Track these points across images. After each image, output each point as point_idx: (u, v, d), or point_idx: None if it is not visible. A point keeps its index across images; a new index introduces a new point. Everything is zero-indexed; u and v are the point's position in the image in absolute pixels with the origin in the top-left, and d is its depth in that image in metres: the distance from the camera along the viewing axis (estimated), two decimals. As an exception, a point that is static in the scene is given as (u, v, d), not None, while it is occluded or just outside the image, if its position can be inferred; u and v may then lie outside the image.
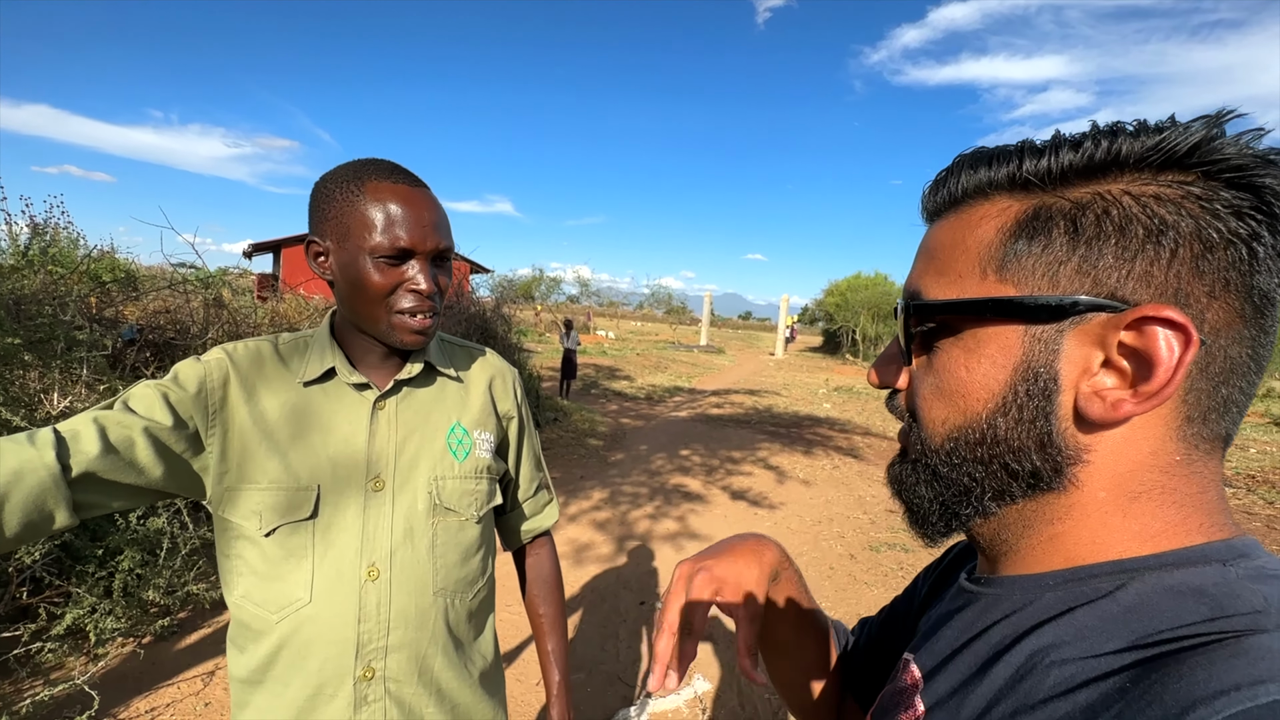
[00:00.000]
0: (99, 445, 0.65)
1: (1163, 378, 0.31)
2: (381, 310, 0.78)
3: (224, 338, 4.11)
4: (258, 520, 0.76)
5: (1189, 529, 0.34)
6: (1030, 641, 0.34)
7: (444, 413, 0.88)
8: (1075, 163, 0.34)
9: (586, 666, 2.63)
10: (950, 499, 0.39)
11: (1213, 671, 0.26)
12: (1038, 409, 0.35)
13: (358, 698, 0.79)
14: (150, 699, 2.24)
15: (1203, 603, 0.30)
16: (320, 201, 0.78)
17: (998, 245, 0.36)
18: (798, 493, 5.50)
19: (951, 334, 0.38)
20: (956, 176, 0.39)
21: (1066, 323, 0.34)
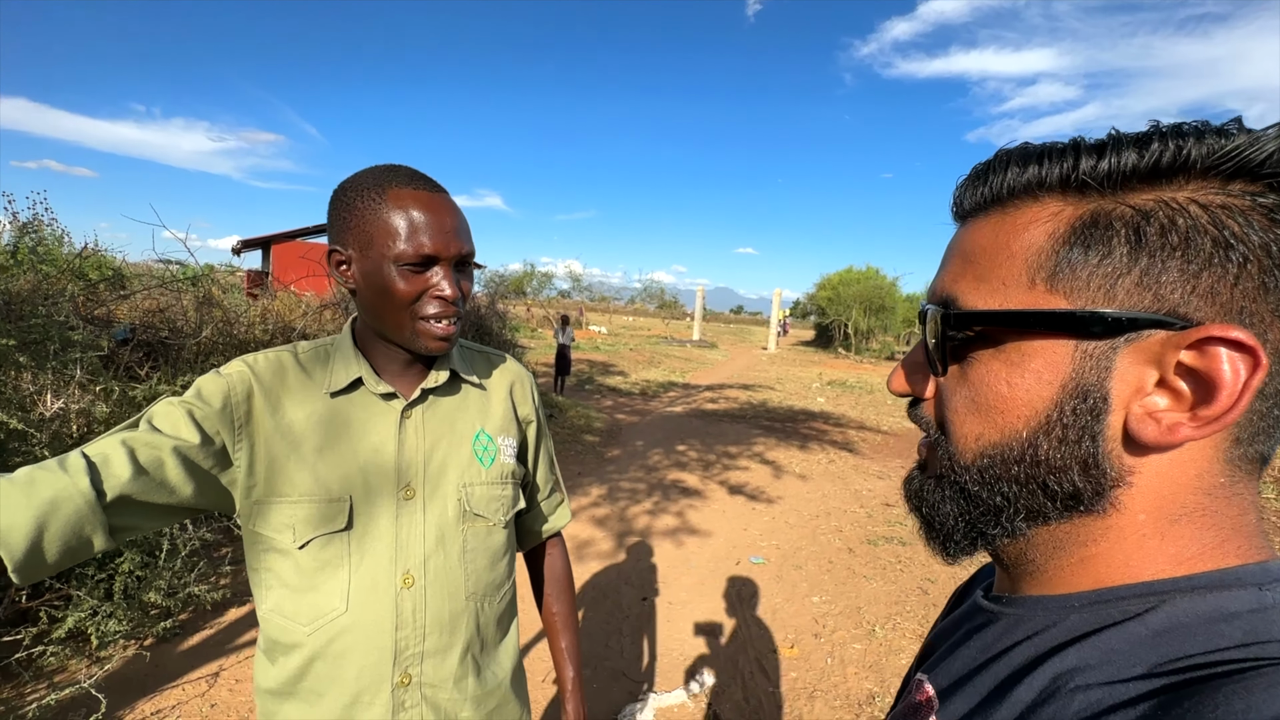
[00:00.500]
0: (130, 468, 0.65)
1: (1226, 402, 0.29)
2: (406, 317, 0.78)
3: (218, 336, 4.07)
4: (291, 534, 0.76)
5: (1225, 551, 0.32)
6: (1054, 664, 0.32)
7: (468, 420, 0.89)
8: (1139, 166, 0.32)
9: (591, 663, 2.64)
10: (978, 518, 0.37)
11: (1250, 701, 0.24)
12: (1084, 429, 0.33)
13: (395, 704, 0.79)
14: (155, 701, 2.23)
15: (1236, 627, 0.29)
16: (341, 210, 0.78)
17: (1049, 252, 0.33)
18: (795, 487, 5.54)
19: (991, 345, 0.36)
20: (1001, 173, 0.36)
21: (1121, 339, 0.32)
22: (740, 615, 3.15)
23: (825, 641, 2.93)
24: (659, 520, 4.44)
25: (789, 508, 4.94)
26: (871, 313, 27.13)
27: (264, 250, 15.01)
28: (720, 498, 5.08)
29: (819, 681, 2.61)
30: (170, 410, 0.72)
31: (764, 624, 3.07)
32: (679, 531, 4.24)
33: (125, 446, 0.66)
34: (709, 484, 5.45)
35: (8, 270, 3.32)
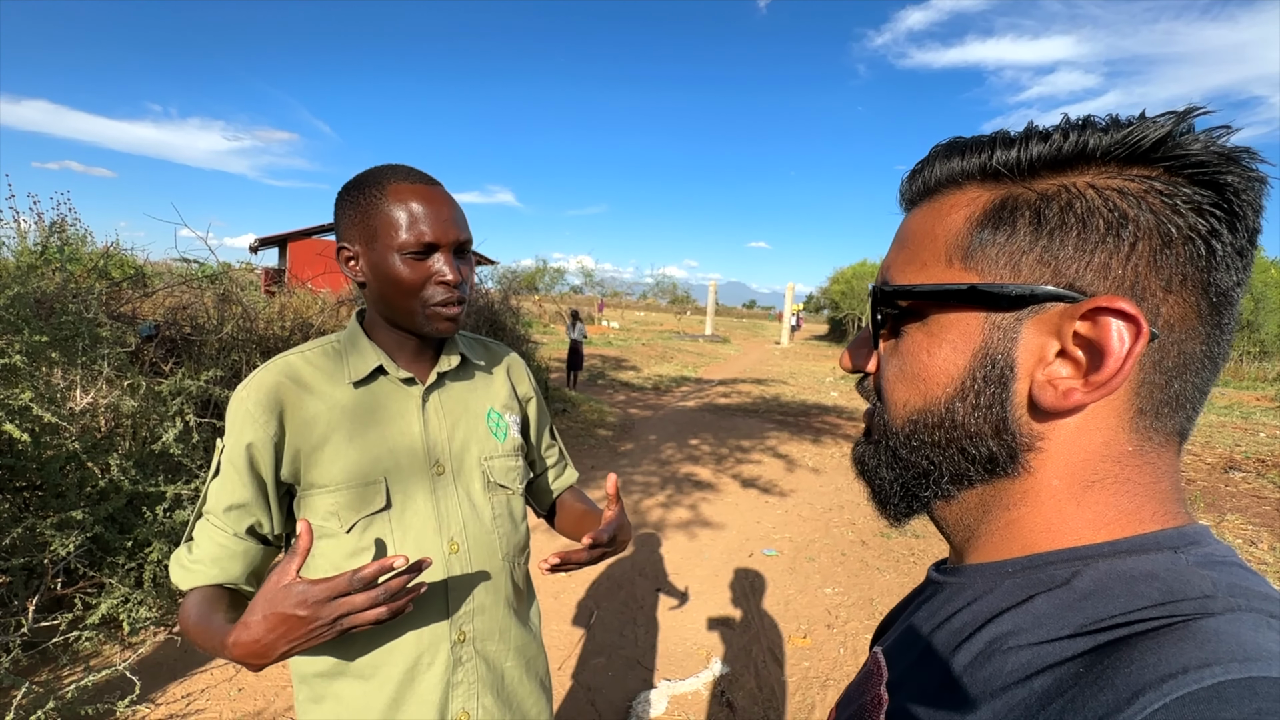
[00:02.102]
0: (242, 569, 0.84)
1: (1112, 368, 0.32)
2: (416, 303, 0.83)
3: (238, 332, 4.16)
4: (336, 520, 0.82)
5: (1142, 517, 0.34)
6: (990, 629, 0.34)
7: (479, 400, 0.95)
8: (1043, 154, 0.35)
9: (606, 651, 2.68)
10: (910, 480, 0.40)
11: (1161, 655, 0.26)
12: (994, 395, 0.35)
13: (454, 660, 0.86)
14: (186, 684, 2.30)
15: (1154, 587, 0.31)
16: (346, 209, 0.83)
17: (965, 234, 0.37)
18: (808, 480, 5.54)
19: (917, 319, 0.39)
20: (931, 166, 0.40)
21: (1026, 311, 0.34)
22: (753, 606, 3.18)
23: (838, 632, 2.95)
24: (672, 513, 4.47)
25: (802, 501, 4.95)
26: (885, 306, 26.73)
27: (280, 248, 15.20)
28: (733, 491, 5.11)
29: (831, 671, 2.63)
30: (222, 485, 0.82)
31: (776, 615, 3.10)
32: (692, 524, 4.27)
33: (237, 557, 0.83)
34: (722, 477, 5.47)
35: (38, 270, 3.41)
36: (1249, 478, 6.04)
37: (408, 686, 0.83)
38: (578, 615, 2.99)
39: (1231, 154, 0.31)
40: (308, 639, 0.67)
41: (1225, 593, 0.29)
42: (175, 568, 0.83)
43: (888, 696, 0.40)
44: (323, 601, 0.66)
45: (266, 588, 0.68)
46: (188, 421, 2.96)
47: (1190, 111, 0.32)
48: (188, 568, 0.82)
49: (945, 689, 0.35)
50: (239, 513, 0.81)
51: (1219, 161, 0.31)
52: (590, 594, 3.20)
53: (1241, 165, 0.32)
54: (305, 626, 0.66)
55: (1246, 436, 8.35)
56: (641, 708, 2.32)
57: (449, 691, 0.85)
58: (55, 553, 2.38)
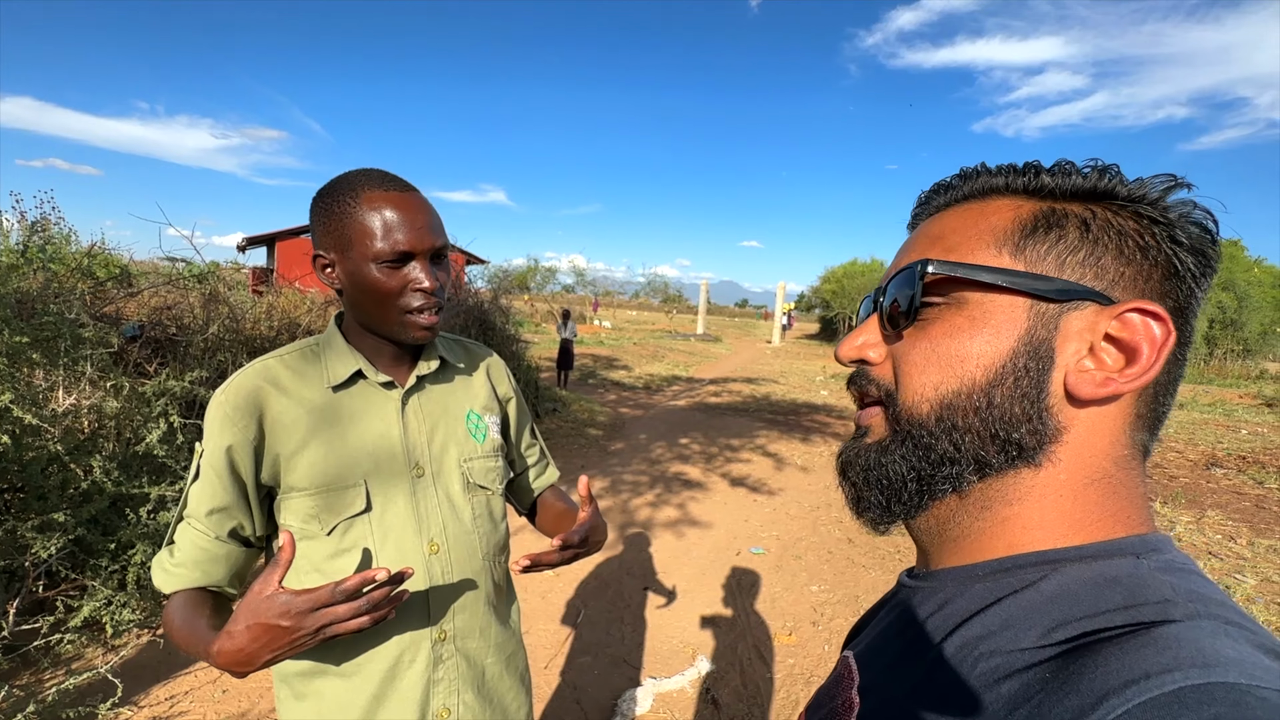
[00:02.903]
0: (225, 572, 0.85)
1: (1149, 360, 0.35)
2: (393, 311, 0.83)
3: (224, 333, 4.13)
4: (317, 523, 0.83)
5: (1116, 521, 0.37)
6: (960, 633, 0.36)
7: (458, 402, 0.96)
8: (1080, 186, 0.39)
9: (593, 650, 2.70)
10: (928, 469, 0.39)
11: (1125, 661, 0.27)
12: (1033, 382, 0.37)
13: (435, 657, 0.88)
14: (169, 687, 2.30)
15: (1117, 592, 0.32)
16: (320, 217, 0.83)
17: (1014, 230, 0.39)
18: (796, 479, 5.58)
19: (954, 304, 0.39)
20: (971, 180, 0.43)
21: (1068, 305, 0.37)
22: (739, 604, 3.20)
23: (823, 629, 2.98)
24: (661, 512, 4.49)
25: (790, 499, 4.98)
26: (876, 305, 26.89)
27: (269, 247, 15.09)
28: (722, 490, 5.13)
29: (816, 668, 2.65)
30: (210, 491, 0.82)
31: (763, 612, 3.12)
32: (680, 523, 4.29)
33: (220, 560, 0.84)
34: (711, 476, 5.50)
35: (19, 270, 3.38)
36: (1230, 474, 6.13)
37: (389, 684, 0.85)
38: (565, 614, 2.99)
39: (1213, 233, 0.38)
40: (291, 648, 0.69)
41: (1184, 598, 0.31)
42: (157, 571, 0.84)
43: (859, 700, 0.40)
44: (305, 612, 0.67)
45: (249, 598, 0.69)
46: (172, 422, 2.94)
47: (1184, 184, 0.38)
48: (169, 571, 0.82)
49: (915, 694, 0.36)
50: (220, 516, 0.82)
51: (1204, 235, 0.38)
52: (578, 593, 3.21)
53: (1214, 241, 0.38)
54: (288, 636, 0.68)
55: (1229, 434, 8.47)
56: (627, 706, 2.33)
57: (430, 688, 0.87)
58: (37, 555, 2.36)
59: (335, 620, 0.68)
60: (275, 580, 0.68)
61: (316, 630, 0.68)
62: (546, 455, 1.17)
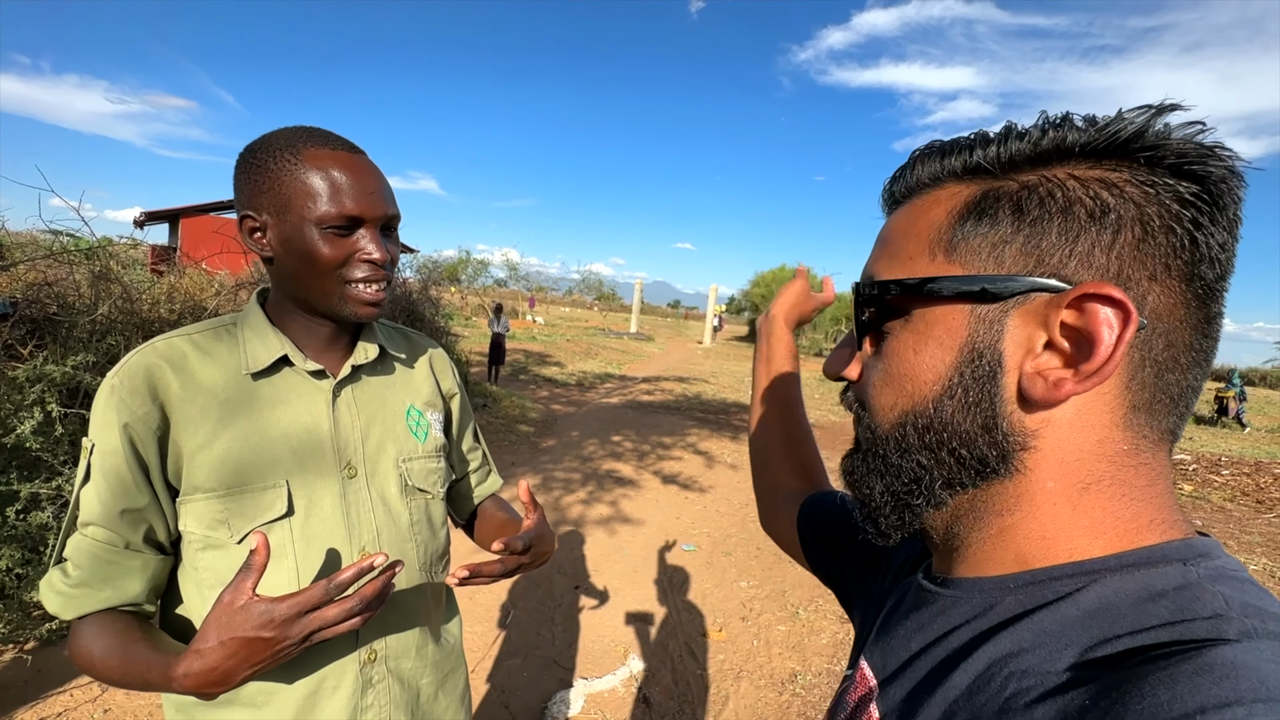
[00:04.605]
0: (142, 586, 0.73)
1: (1103, 355, 0.31)
2: (333, 283, 0.74)
3: (117, 314, 3.74)
4: (226, 529, 0.72)
5: (1141, 526, 0.33)
6: (989, 649, 0.33)
7: (398, 396, 0.87)
8: (1022, 150, 0.35)
9: (522, 652, 2.62)
10: (901, 488, 0.38)
11: (1176, 692, 0.24)
12: (982, 391, 0.34)
13: (363, 681, 0.78)
14: (39, 708, 2.04)
15: (1163, 605, 0.29)
16: (252, 173, 0.72)
17: (947, 227, 0.36)
18: (726, 476, 5.68)
19: (901, 317, 0.37)
20: (914, 168, 0.40)
21: (1011, 303, 0.33)
22: (671, 601, 3.21)
23: (752, 624, 3.03)
24: (593, 509, 4.45)
25: (720, 496, 5.06)
26: (803, 310, 27.98)
27: (171, 224, 13.89)
28: (654, 487, 5.15)
29: (745, 662, 2.70)
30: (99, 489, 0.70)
31: (694, 609, 3.14)
32: (612, 520, 4.26)
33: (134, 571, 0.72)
34: (643, 474, 5.50)
35: None
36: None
37: (307, 713, 0.75)
38: (493, 616, 2.90)
39: (1212, 148, 0.31)
40: (274, 660, 0.62)
41: (1239, 613, 0.28)
42: (51, 595, 0.70)
43: (879, 715, 0.38)
44: (291, 619, 0.60)
45: (219, 610, 0.61)
46: (50, 412, 2.62)
47: (1165, 107, 0.32)
48: (69, 593, 0.70)
49: (940, 712, 0.33)
50: (132, 518, 0.70)
51: (1201, 153, 0.31)
52: (506, 594, 3.12)
53: (1220, 158, 0.31)
54: (271, 648, 0.61)
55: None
56: (558, 708, 2.28)
57: (358, 716, 0.77)
58: (-128, 562, 2.04)
59: (325, 624, 0.62)
60: (249, 588, 0.61)
61: (304, 638, 0.62)
62: (489, 461, 1.08)
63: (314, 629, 0.61)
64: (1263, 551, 4.54)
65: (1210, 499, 6.08)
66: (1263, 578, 3.98)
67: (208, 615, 0.62)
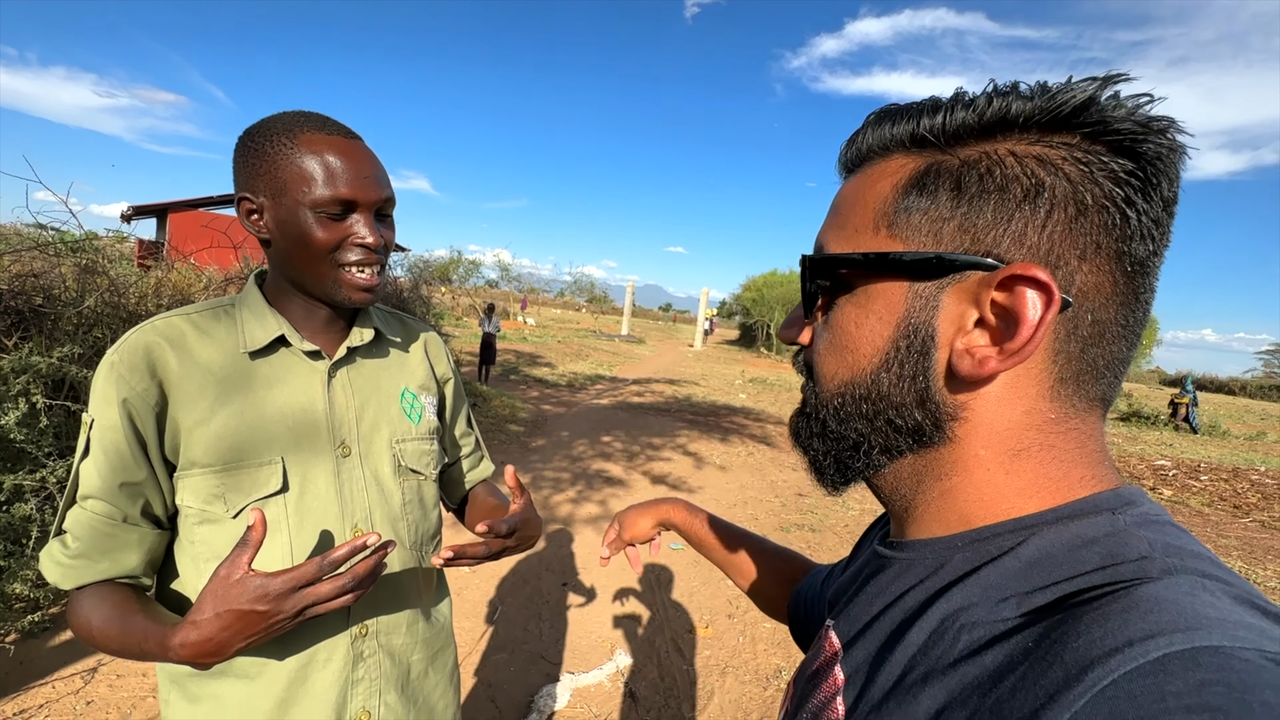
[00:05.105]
0: (139, 559, 0.75)
1: (1024, 335, 0.32)
2: (327, 266, 0.75)
3: (103, 307, 3.71)
4: (222, 503, 0.73)
5: (1071, 482, 0.34)
6: (942, 605, 0.34)
7: (392, 378, 0.88)
8: (967, 121, 0.34)
9: (509, 647, 2.63)
10: (840, 452, 0.40)
11: (1107, 629, 0.26)
12: (917, 365, 0.35)
13: (354, 655, 0.80)
14: (20, 700, 2.02)
15: (1094, 551, 0.31)
16: (250, 156, 0.74)
17: (891, 201, 0.36)
18: (714, 478, 5.71)
19: (847, 290, 0.38)
20: (865, 133, 0.40)
21: (946, 280, 0.34)
22: (658, 598, 3.23)
23: (738, 621, 3.06)
24: (582, 508, 4.46)
25: (709, 497, 5.09)
26: (793, 315, 28.17)
27: (159, 218, 13.76)
28: (643, 487, 5.16)
29: (731, 659, 2.72)
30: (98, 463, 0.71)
31: (681, 606, 3.16)
32: (601, 519, 4.27)
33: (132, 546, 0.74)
34: (632, 474, 5.52)
35: None
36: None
37: (299, 685, 0.76)
38: (481, 611, 2.91)
39: (1151, 122, 0.31)
40: (267, 633, 0.64)
41: (1161, 553, 0.30)
42: (50, 566, 0.72)
43: (843, 677, 0.39)
44: (285, 594, 0.62)
45: (215, 583, 0.62)
46: (34, 403, 2.60)
47: (1112, 78, 0.32)
48: (68, 564, 0.71)
49: (900, 668, 0.34)
50: (130, 491, 0.72)
51: (1138, 130, 0.31)
52: (495, 589, 3.13)
53: (1159, 133, 0.31)
54: (265, 621, 0.62)
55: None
56: (544, 702, 2.30)
57: (348, 690, 0.79)
58: None
59: (318, 600, 0.63)
60: (245, 562, 0.62)
61: (297, 613, 0.63)
62: (481, 447, 1.09)
63: (307, 604, 0.63)
64: (1239, 555, 4.63)
65: (1189, 503, 6.19)
66: (1238, 580, 4.06)
67: (204, 588, 0.63)
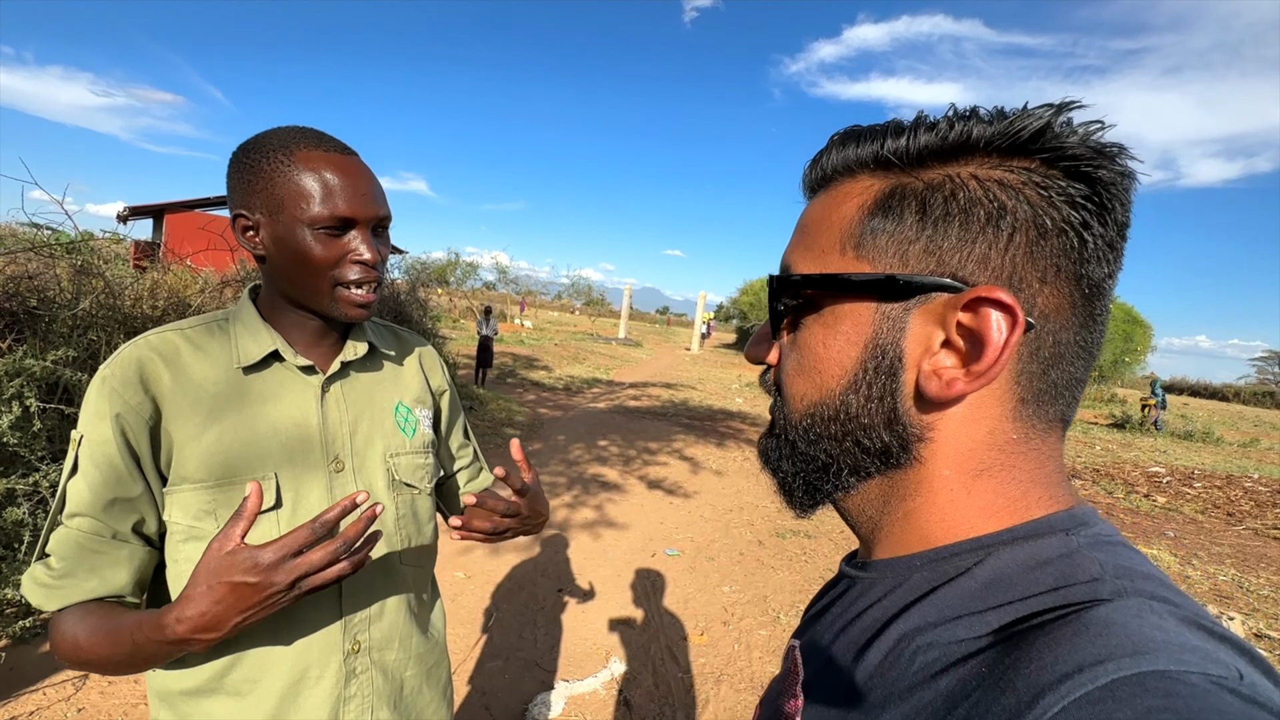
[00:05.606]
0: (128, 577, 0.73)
1: (990, 357, 0.32)
2: (325, 283, 0.76)
3: (98, 309, 3.69)
4: (213, 520, 0.73)
5: (1029, 503, 0.35)
6: (899, 625, 0.34)
7: (386, 392, 0.88)
8: (930, 144, 0.35)
9: (504, 654, 2.63)
10: (810, 473, 0.40)
11: (1058, 653, 0.26)
12: (884, 386, 0.35)
13: (347, 671, 0.79)
14: (10, 707, 2.01)
15: (1048, 573, 0.31)
16: (245, 173, 0.74)
17: (858, 223, 0.37)
18: (711, 482, 5.71)
19: (814, 310, 0.38)
20: (829, 154, 0.40)
21: (913, 301, 0.34)
22: (653, 605, 3.22)
23: (733, 629, 3.06)
24: (577, 513, 4.45)
25: (705, 502, 5.09)
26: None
27: (155, 219, 13.72)
28: (639, 492, 5.16)
29: (726, 666, 2.72)
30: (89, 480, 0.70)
31: (676, 613, 3.16)
32: (597, 524, 4.27)
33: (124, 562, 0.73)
34: (628, 478, 5.52)
35: None
36: (1086, 485, 6.88)
37: (291, 702, 0.76)
38: (476, 618, 2.90)
39: (1104, 149, 0.32)
40: (263, 607, 0.63)
41: (1111, 574, 0.30)
42: (34, 588, 0.71)
43: (803, 696, 0.39)
44: (275, 565, 0.61)
45: (207, 556, 0.62)
46: (27, 406, 2.59)
47: (1066, 105, 0.33)
48: (53, 585, 0.70)
49: (856, 689, 0.34)
50: (123, 507, 0.71)
51: (1092, 156, 0.32)
52: (489, 596, 3.12)
53: (1113, 160, 0.32)
54: (259, 594, 0.61)
55: (1085, 449, 9.52)
56: (538, 710, 2.29)
57: (340, 707, 0.78)
58: None
59: (311, 569, 0.63)
60: (237, 534, 0.62)
61: (292, 584, 0.62)
62: (480, 458, 1.08)
63: (300, 574, 0.62)
64: (1232, 563, 4.65)
65: (1183, 510, 6.22)
66: (1231, 588, 4.08)
67: (198, 563, 0.63)
